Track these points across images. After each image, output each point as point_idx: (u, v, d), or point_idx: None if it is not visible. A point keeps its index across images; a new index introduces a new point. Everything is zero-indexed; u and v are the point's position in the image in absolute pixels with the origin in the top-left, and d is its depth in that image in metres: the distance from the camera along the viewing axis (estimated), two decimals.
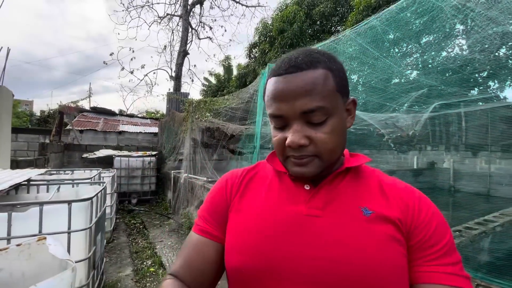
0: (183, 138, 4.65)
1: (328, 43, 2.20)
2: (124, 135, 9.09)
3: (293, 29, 9.64)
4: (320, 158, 0.46)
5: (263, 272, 0.44)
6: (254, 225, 0.48)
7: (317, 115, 0.44)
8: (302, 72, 0.44)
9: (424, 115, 3.23)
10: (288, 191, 0.50)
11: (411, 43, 2.67)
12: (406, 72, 3.12)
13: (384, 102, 3.38)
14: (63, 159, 6.14)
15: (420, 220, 0.44)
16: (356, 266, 0.40)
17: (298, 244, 0.44)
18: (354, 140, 5.47)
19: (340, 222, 0.44)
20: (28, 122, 15.82)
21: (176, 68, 9.39)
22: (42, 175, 2.66)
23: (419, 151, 7.67)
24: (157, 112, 18.38)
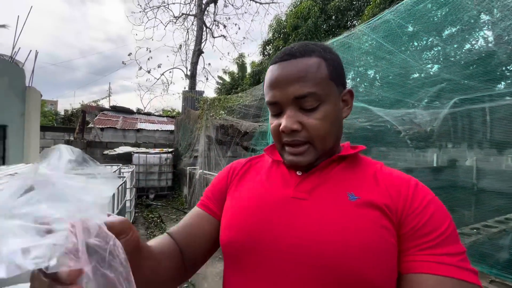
0: (198, 135, 4.76)
1: (341, 39, 2.18)
2: (142, 132, 9.41)
3: (307, 25, 9.53)
4: (313, 146, 0.47)
5: (247, 247, 0.46)
6: (243, 205, 0.51)
7: (309, 101, 0.45)
8: (296, 60, 0.46)
9: (444, 111, 3.12)
10: (282, 176, 0.52)
11: (430, 36, 2.59)
12: (424, 67, 3.03)
13: (401, 97, 3.30)
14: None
15: (414, 207, 0.42)
16: (334, 246, 0.40)
17: (281, 224, 0.45)
18: (371, 136, 5.35)
19: (324, 205, 0.45)
20: (54, 120, 16.69)
21: (191, 67, 9.57)
22: None
23: (440, 148, 7.37)
24: (173, 110, 18.80)
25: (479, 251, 1.29)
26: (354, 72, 3.63)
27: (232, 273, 0.49)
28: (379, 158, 5.32)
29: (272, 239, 0.44)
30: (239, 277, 0.47)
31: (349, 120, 4.69)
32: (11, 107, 3.24)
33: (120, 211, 2.02)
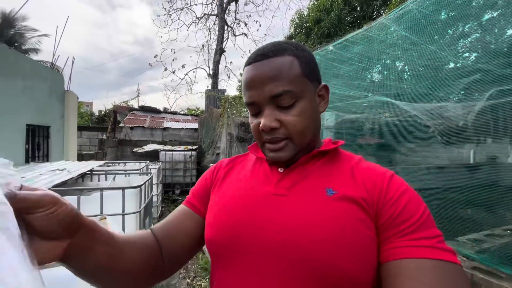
0: (220, 133, 4.88)
1: (362, 32, 2.12)
2: (168, 131, 9.82)
3: (330, 18, 9.26)
4: (292, 141, 0.49)
5: (229, 244, 0.47)
6: (226, 203, 0.52)
7: (285, 98, 0.47)
8: (268, 59, 0.47)
9: (479, 104, 2.90)
10: (264, 174, 0.53)
11: (466, 22, 2.40)
12: (457, 57, 2.83)
13: (431, 91, 3.12)
14: (117, 153, 6.91)
15: (388, 198, 0.44)
16: (312, 240, 0.41)
17: (262, 220, 0.46)
18: (399, 132, 5.09)
19: (303, 200, 0.46)
20: (89, 121, 17.98)
21: (213, 66, 9.76)
22: (101, 166, 3.07)
23: (477, 144, 6.82)
24: (198, 109, 19.33)
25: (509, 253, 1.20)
26: (381, 65, 3.49)
27: (217, 269, 0.50)
28: (408, 155, 5.05)
29: (252, 235, 0.45)
30: (223, 273, 0.48)
31: (373, 115, 4.51)
32: (52, 109, 3.57)
33: (147, 205, 2.16)
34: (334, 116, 4.49)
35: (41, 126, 3.41)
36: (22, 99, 2.99)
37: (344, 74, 3.35)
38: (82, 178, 2.45)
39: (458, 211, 2.28)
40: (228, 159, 0.64)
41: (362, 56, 2.58)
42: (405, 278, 0.36)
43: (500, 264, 1.09)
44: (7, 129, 2.86)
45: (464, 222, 1.85)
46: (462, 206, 2.44)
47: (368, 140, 5.23)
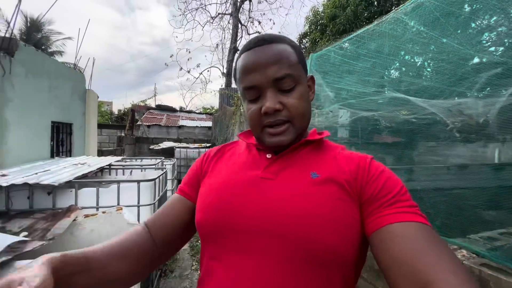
0: (232, 130, 4.95)
1: (372, 28, 2.09)
2: (183, 129, 10.05)
3: (346, 14, 9.07)
4: (292, 124, 0.51)
5: (220, 225, 0.49)
6: (215, 187, 0.53)
7: (287, 81, 0.49)
8: (270, 44, 0.50)
9: (500, 100, 2.77)
10: (253, 159, 0.55)
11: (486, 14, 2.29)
12: (472, 51, 2.72)
13: (449, 87, 3.01)
14: (135, 149, 7.17)
15: (369, 177, 0.47)
16: (296, 218, 0.44)
17: (250, 201, 0.48)
18: (417, 130, 4.93)
19: (288, 183, 0.48)
20: (109, 119, 18.72)
21: (227, 65, 9.86)
22: (119, 162, 3.22)
23: (503, 142, 6.46)
24: (212, 108, 19.60)
25: None
26: (395, 61, 3.40)
27: (206, 249, 0.51)
28: (427, 154, 4.91)
29: (240, 214, 0.47)
30: (213, 251, 0.50)
31: (390, 112, 4.40)
32: (75, 107, 3.78)
33: (161, 199, 2.25)
34: (348, 114, 4.42)
35: (64, 123, 3.62)
36: (48, 98, 3.19)
37: (358, 70, 3.29)
38: (101, 172, 2.59)
39: (476, 210, 2.20)
40: (216, 147, 0.65)
41: (375, 52, 2.54)
42: (399, 238, 0.40)
43: (511, 261, 1.06)
44: (35, 126, 3.07)
45: (478, 221, 1.79)
46: (482, 205, 2.34)
47: (385, 139, 5.10)
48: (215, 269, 0.48)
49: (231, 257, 0.47)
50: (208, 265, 0.50)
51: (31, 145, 2.99)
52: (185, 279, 2.43)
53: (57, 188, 1.84)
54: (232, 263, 0.46)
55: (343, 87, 3.27)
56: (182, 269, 2.61)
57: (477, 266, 1.13)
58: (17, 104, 2.78)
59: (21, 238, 1.34)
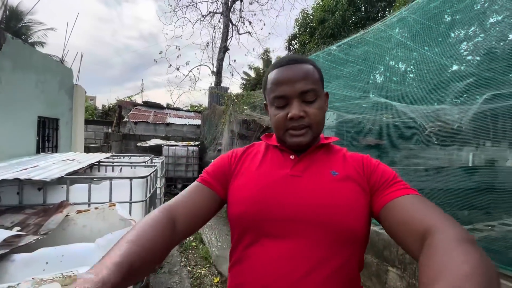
0: (222, 129, 5.00)
1: (359, 36, 2.22)
2: (171, 126, 9.96)
3: (334, 18, 9.30)
4: (311, 129, 0.63)
5: (258, 216, 0.59)
6: (251, 183, 0.64)
7: (310, 95, 0.61)
8: (299, 64, 0.62)
9: (473, 107, 2.99)
10: (278, 160, 0.67)
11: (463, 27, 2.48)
12: (453, 62, 2.92)
13: (427, 93, 3.21)
14: (122, 146, 7.06)
15: (371, 169, 0.63)
16: (326, 207, 0.57)
17: (284, 195, 0.59)
18: (400, 134, 5.16)
19: (314, 179, 0.61)
20: (94, 115, 18.16)
21: (217, 64, 9.87)
22: (108, 158, 3.20)
23: (476, 147, 6.85)
24: (200, 106, 19.44)
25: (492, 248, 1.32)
26: (380, 68, 3.58)
27: (244, 239, 0.61)
28: (408, 156, 5.11)
29: (279, 207, 0.58)
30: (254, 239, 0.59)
31: (374, 115, 4.60)
32: (62, 103, 3.70)
33: (152, 196, 2.29)
34: (335, 116, 4.59)
35: (51, 119, 3.55)
36: (35, 92, 3.12)
37: (345, 76, 3.44)
38: (90, 169, 2.59)
39: (448, 209, 2.39)
40: (241, 148, 0.76)
41: (361, 59, 2.69)
42: (401, 206, 0.53)
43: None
44: (21, 121, 3.00)
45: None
46: (455, 205, 2.54)
47: (369, 142, 5.32)
48: (254, 252, 0.59)
49: (269, 241, 0.58)
50: (244, 252, 0.61)
51: (17, 140, 2.92)
52: (174, 274, 2.48)
53: (47, 184, 1.84)
54: (270, 246, 0.57)
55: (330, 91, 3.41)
56: (171, 265, 2.66)
57: None
58: (3, 99, 2.71)
59: (16, 232, 1.35)
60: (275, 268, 0.55)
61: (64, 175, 1.88)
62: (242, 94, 5.10)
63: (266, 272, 0.56)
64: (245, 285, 0.59)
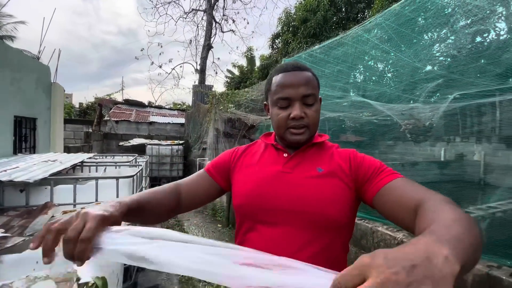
0: (206, 128, 5.01)
1: (338, 39, 2.34)
2: (154, 125, 9.77)
3: (316, 18, 9.49)
4: (309, 129, 0.71)
5: (256, 207, 0.69)
6: (249, 178, 0.74)
7: (310, 98, 0.70)
8: (302, 71, 0.71)
9: (442, 106, 3.22)
10: (273, 157, 0.76)
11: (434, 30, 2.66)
12: (425, 63, 3.13)
13: (401, 93, 3.41)
14: (103, 146, 6.86)
15: (357, 162, 0.70)
16: (312, 200, 0.66)
17: (275, 189, 0.69)
18: (378, 131, 5.41)
19: (302, 175, 0.70)
20: (72, 113, 17.38)
21: (201, 62, 9.79)
22: (90, 159, 3.15)
23: (447, 143, 7.29)
24: (184, 104, 19.14)
25: None
26: (359, 69, 3.75)
27: (244, 224, 0.72)
28: (386, 152, 5.36)
29: (273, 199, 0.68)
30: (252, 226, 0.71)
31: (354, 114, 4.80)
32: (39, 102, 3.57)
33: None
34: None
35: (28, 118, 3.42)
36: (10, 91, 2.99)
37: (326, 75, 3.58)
38: (73, 169, 2.55)
39: None
40: (243, 147, 0.86)
41: (340, 60, 2.82)
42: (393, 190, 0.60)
43: None
44: None
45: None
46: None
47: (349, 138, 5.53)
48: (252, 237, 0.70)
49: (264, 227, 0.68)
50: (244, 237, 0.72)
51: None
52: (162, 272, 2.50)
53: (30, 186, 1.81)
54: (264, 231, 0.68)
55: None
56: None
57: None
58: None
59: (1, 234, 1.34)
60: (267, 249, 0.65)
61: (48, 176, 1.85)
62: (227, 92, 5.13)
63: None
64: None
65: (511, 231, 1.73)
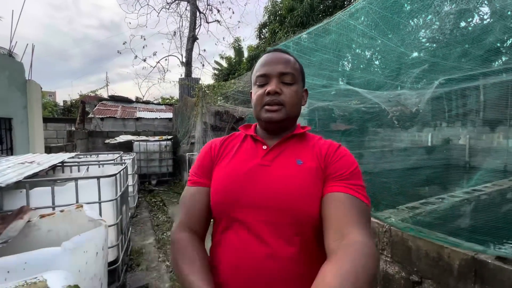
0: (194, 122, 4.91)
1: (323, 26, 2.28)
2: (141, 121, 9.55)
3: (303, 7, 9.36)
4: (285, 107, 0.68)
5: (231, 204, 0.65)
6: (225, 174, 0.69)
7: (288, 77, 0.68)
8: (282, 53, 0.72)
9: (428, 92, 3.23)
10: (251, 150, 0.72)
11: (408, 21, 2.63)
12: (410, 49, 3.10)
13: (388, 80, 3.40)
14: (88, 145, 6.66)
15: (332, 159, 0.67)
16: (287, 194, 0.62)
17: (253, 184, 0.65)
18: (367, 118, 5.44)
19: (281, 168, 0.66)
20: (54, 112, 16.77)
21: (186, 54, 9.53)
22: (72, 158, 3.02)
23: (434, 128, 7.45)
24: (172, 98, 18.78)
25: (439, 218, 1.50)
26: (346, 57, 3.71)
27: (220, 225, 0.68)
28: (375, 139, 5.43)
29: (248, 195, 0.64)
30: (228, 223, 0.66)
31: (343, 102, 4.79)
32: (14, 100, 3.38)
33: (123, 194, 2.22)
34: (306, 104, 4.71)
35: (2, 118, 3.24)
36: None
37: (313, 64, 3.53)
38: (53, 170, 2.43)
39: (414, 187, 2.61)
40: (219, 139, 0.80)
41: (327, 48, 2.77)
42: (336, 202, 0.59)
43: (426, 226, 1.36)
44: None
45: (407, 195, 2.16)
46: (419, 183, 2.79)
47: (339, 127, 5.56)
48: (228, 236, 0.65)
49: (240, 226, 0.64)
50: (221, 236, 0.67)
51: None
52: (153, 270, 2.46)
53: (3, 190, 1.71)
54: (241, 230, 0.64)
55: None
56: (149, 261, 2.63)
57: (401, 228, 1.41)
58: None
59: None
60: (244, 249, 0.62)
61: (22, 179, 1.75)
62: (213, 85, 5.02)
63: (237, 253, 0.63)
64: (220, 265, 0.65)
65: (496, 213, 1.76)
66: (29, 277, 0.93)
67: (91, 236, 1.26)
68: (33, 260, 1.08)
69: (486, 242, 1.21)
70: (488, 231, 1.52)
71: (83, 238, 1.22)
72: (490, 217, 1.74)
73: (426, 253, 1.24)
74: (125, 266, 2.42)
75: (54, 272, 0.89)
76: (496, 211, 1.99)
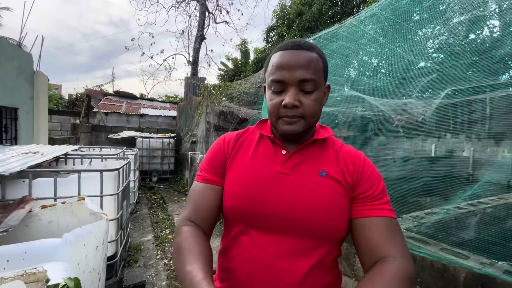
0: (198, 121, 4.91)
1: (333, 31, 2.27)
2: (145, 117, 9.58)
3: (311, 12, 9.38)
4: (304, 119, 0.60)
5: (248, 211, 0.61)
6: (242, 178, 0.64)
7: (309, 85, 0.58)
8: (303, 51, 0.59)
9: (435, 101, 3.21)
10: (269, 154, 0.66)
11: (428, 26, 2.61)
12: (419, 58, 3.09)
13: (396, 87, 3.39)
14: (91, 138, 6.68)
15: (362, 177, 0.62)
16: (309, 206, 0.59)
17: (272, 193, 0.61)
18: (371, 125, 5.41)
19: (303, 178, 0.62)
20: (59, 104, 16.87)
21: (193, 53, 9.58)
22: (75, 151, 3.03)
23: (438, 139, 7.41)
24: (177, 96, 18.84)
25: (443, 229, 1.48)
26: (353, 63, 3.70)
27: (235, 228, 0.64)
28: (379, 147, 5.43)
29: (267, 204, 0.60)
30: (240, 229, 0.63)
31: (347, 109, 4.78)
32: (21, 91, 3.40)
33: (124, 189, 2.22)
34: None
35: (8, 108, 3.25)
36: None
37: None
38: (56, 162, 2.44)
39: (410, 195, 2.59)
40: (233, 133, 0.74)
41: (335, 53, 2.76)
42: (371, 228, 0.58)
43: (431, 234, 1.33)
44: None
45: (412, 204, 2.14)
46: (416, 192, 2.76)
47: (342, 133, 5.53)
48: (243, 242, 0.62)
49: (257, 233, 0.61)
50: (234, 241, 0.64)
51: None
52: (150, 267, 2.44)
53: (6, 178, 1.70)
54: (258, 237, 0.61)
55: None
56: (146, 258, 2.61)
57: (406, 238, 1.39)
58: None
59: None
60: (261, 258, 0.59)
61: (26, 169, 1.75)
62: (219, 85, 5.02)
63: (253, 260, 0.60)
64: (234, 270, 0.63)
65: (501, 227, 1.73)
66: (28, 267, 0.93)
67: (92, 229, 1.24)
68: (33, 250, 1.07)
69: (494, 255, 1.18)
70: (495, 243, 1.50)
71: (84, 230, 1.21)
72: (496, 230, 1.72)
73: (431, 263, 1.21)
74: (123, 261, 2.41)
75: (54, 263, 0.88)
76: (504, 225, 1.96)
